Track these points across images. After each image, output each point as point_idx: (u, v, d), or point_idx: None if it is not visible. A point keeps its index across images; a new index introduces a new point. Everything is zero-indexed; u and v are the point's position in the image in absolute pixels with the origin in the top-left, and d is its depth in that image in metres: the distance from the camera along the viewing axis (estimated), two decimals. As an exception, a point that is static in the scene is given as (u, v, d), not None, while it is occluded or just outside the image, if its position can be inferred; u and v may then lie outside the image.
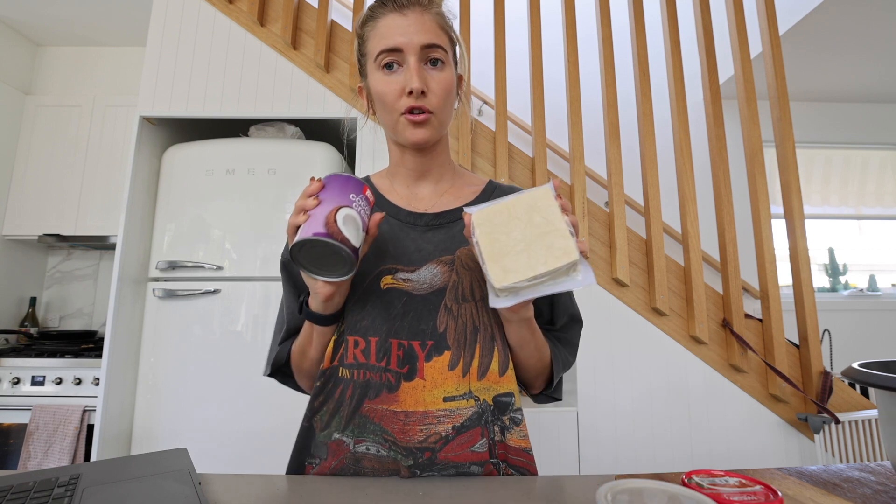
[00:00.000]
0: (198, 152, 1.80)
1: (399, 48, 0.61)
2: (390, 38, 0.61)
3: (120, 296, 1.66)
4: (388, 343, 0.61)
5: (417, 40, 0.61)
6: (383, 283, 0.63)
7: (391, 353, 0.61)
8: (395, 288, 0.63)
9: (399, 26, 0.61)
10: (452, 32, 0.67)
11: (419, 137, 0.63)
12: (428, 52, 0.62)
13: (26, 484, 0.49)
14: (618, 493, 0.40)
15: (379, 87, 0.63)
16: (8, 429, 1.80)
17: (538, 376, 0.68)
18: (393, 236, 0.67)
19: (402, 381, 0.60)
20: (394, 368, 0.61)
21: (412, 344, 0.61)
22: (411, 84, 0.60)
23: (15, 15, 2.33)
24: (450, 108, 0.66)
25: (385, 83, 0.62)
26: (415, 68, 0.60)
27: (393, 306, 0.63)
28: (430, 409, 0.59)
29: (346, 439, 0.61)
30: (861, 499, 0.50)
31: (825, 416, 1.52)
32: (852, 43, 2.34)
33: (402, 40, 0.61)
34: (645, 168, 1.75)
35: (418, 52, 0.61)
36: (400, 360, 0.61)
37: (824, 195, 2.94)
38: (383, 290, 0.63)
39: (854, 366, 0.56)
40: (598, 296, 1.68)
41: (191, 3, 1.87)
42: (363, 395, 0.61)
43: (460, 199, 0.71)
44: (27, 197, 2.28)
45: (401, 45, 0.61)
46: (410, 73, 0.60)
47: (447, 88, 0.63)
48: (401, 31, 0.61)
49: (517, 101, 2.35)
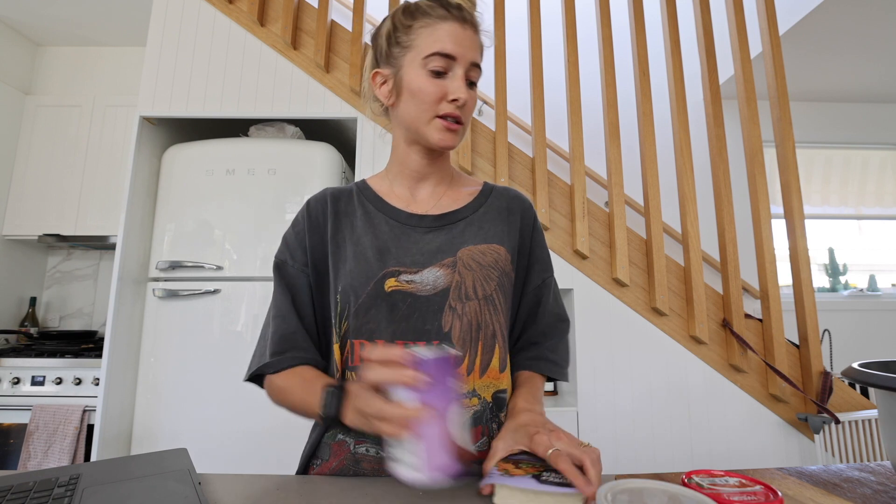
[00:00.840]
0: (198, 152, 1.80)
1: (454, 57, 0.63)
2: (450, 45, 0.63)
3: (120, 296, 1.66)
4: (392, 344, 0.62)
5: (470, 56, 0.64)
6: (388, 286, 0.63)
7: None
8: (399, 290, 0.63)
9: (458, 36, 0.63)
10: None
11: (448, 143, 0.65)
12: (472, 70, 0.65)
13: (26, 484, 0.49)
14: (618, 493, 0.40)
15: (423, 84, 0.63)
16: (8, 429, 1.80)
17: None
18: (395, 238, 0.67)
19: None
20: None
21: (418, 345, 0.62)
22: (460, 94, 0.62)
23: (15, 15, 2.33)
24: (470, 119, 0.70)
25: (431, 83, 0.63)
26: (462, 80, 0.63)
27: (398, 308, 0.63)
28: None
29: (348, 440, 0.62)
30: (861, 499, 0.50)
31: (825, 416, 1.52)
32: (852, 43, 2.34)
33: (459, 51, 0.63)
34: (645, 168, 1.75)
35: (467, 67, 0.64)
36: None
37: (824, 195, 2.94)
38: (388, 292, 0.63)
39: (854, 366, 0.56)
40: (598, 296, 1.68)
41: (191, 3, 1.87)
42: None
43: (458, 201, 0.72)
44: (27, 197, 2.27)
45: (458, 54, 0.63)
46: (459, 84, 0.63)
47: (474, 106, 0.67)
48: (459, 42, 0.63)
49: (517, 101, 2.35)
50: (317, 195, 0.72)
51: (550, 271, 0.76)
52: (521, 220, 0.73)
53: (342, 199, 0.71)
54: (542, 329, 0.73)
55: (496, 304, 0.66)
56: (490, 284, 0.66)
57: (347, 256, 0.66)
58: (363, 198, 0.71)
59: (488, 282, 0.66)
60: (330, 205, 0.70)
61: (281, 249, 0.71)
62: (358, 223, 0.68)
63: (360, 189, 0.72)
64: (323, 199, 0.71)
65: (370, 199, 0.71)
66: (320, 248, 0.69)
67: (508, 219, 0.72)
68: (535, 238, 0.75)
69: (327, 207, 0.70)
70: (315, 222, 0.69)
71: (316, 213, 0.70)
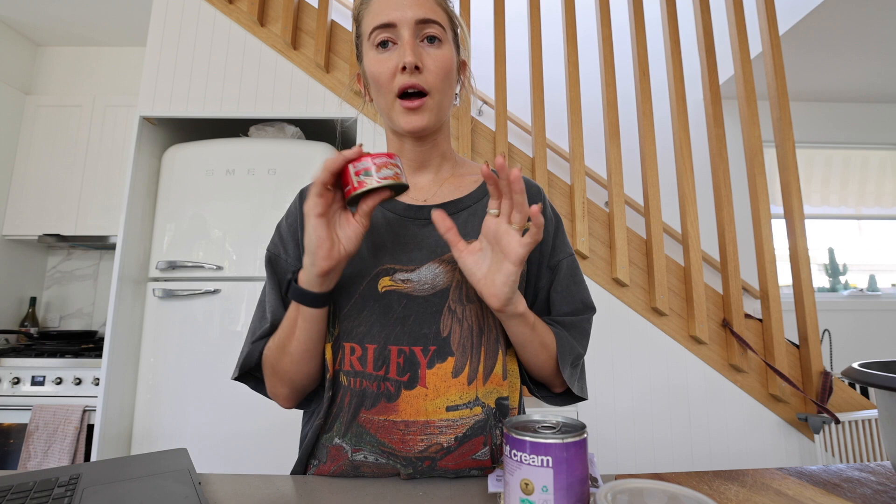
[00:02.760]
0: (198, 152, 1.80)
1: (392, 23, 0.57)
2: (383, 14, 0.58)
3: (120, 296, 1.66)
4: (386, 350, 0.58)
5: (412, 14, 0.57)
6: (381, 286, 0.59)
7: (390, 360, 0.58)
8: (393, 290, 0.59)
9: (393, 2, 0.58)
10: (452, 12, 0.64)
11: (415, 125, 0.59)
12: (423, 27, 0.58)
13: (26, 484, 0.49)
14: (618, 493, 0.40)
15: (372, 66, 0.59)
16: (8, 429, 1.80)
17: (553, 374, 0.63)
18: (390, 231, 0.62)
19: (402, 390, 0.57)
20: (393, 377, 0.57)
21: (413, 350, 0.58)
22: (405, 58, 0.56)
23: (15, 15, 2.33)
24: (450, 92, 0.62)
25: (378, 62, 0.59)
26: (409, 42, 0.57)
27: (392, 310, 0.59)
28: (432, 418, 0.57)
29: (346, 446, 0.59)
30: (861, 499, 0.50)
31: (825, 416, 1.52)
32: (852, 43, 2.34)
33: (395, 15, 0.57)
34: (645, 168, 1.75)
35: (413, 27, 0.57)
36: (400, 367, 0.57)
37: (824, 195, 2.94)
38: (381, 293, 0.59)
39: (854, 366, 0.56)
40: (598, 296, 1.68)
41: (191, 3, 1.87)
42: (360, 404, 0.58)
43: (461, 188, 0.67)
44: (27, 197, 2.27)
45: (394, 19, 0.57)
46: (404, 48, 0.57)
47: (445, 67, 0.59)
48: (394, 6, 0.58)
49: (517, 101, 2.35)
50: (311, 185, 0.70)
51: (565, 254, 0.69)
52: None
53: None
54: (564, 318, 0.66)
55: None
56: None
57: None
58: None
59: None
60: None
61: (274, 241, 0.67)
62: None
63: None
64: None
65: None
66: None
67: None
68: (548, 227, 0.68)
69: None
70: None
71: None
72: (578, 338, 0.66)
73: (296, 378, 0.60)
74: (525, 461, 0.39)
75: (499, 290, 0.51)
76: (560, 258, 0.66)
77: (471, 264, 0.52)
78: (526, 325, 0.56)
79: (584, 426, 0.42)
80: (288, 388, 0.61)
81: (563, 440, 0.39)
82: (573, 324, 0.66)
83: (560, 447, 0.39)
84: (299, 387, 0.62)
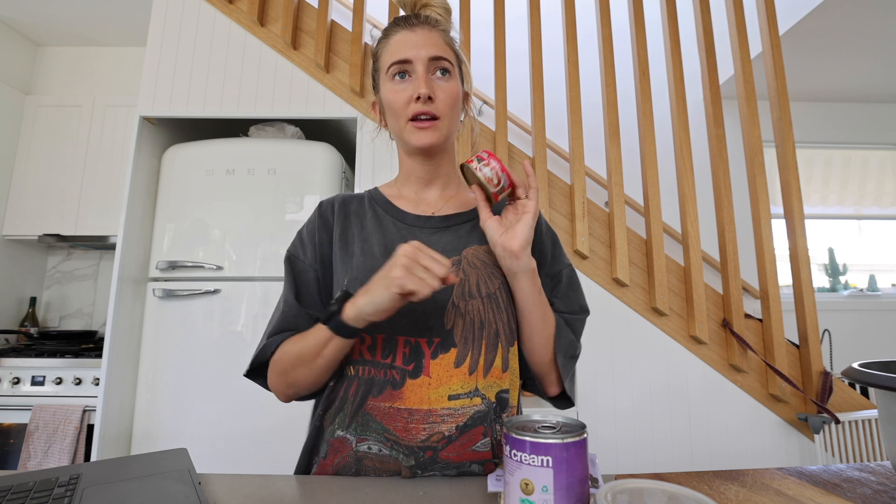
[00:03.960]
0: (198, 152, 1.80)
1: (408, 59, 0.66)
2: (400, 52, 0.67)
3: (120, 296, 1.66)
4: (394, 340, 0.62)
5: (425, 53, 0.66)
6: None
7: (397, 350, 0.62)
8: None
9: (409, 41, 0.67)
10: (458, 51, 0.73)
11: (425, 141, 0.66)
12: (435, 63, 0.67)
13: (26, 484, 0.49)
14: (618, 493, 0.40)
15: (389, 95, 0.67)
16: (8, 429, 1.80)
17: (549, 362, 0.68)
18: (401, 238, 0.68)
19: (406, 379, 0.61)
20: (399, 365, 0.62)
21: (419, 341, 0.62)
22: (419, 90, 0.64)
23: (15, 15, 2.33)
24: (456, 117, 0.70)
25: (395, 92, 0.67)
26: (423, 76, 0.65)
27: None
28: (435, 407, 0.60)
29: (350, 437, 0.61)
30: (861, 499, 0.50)
31: (825, 416, 1.52)
32: (852, 43, 2.34)
33: (411, 53, 0.66)
34: (645, 168, 1.75)
35: (426, 64, 0.66)
36: (406, 357, 0.62)
37: (824, 195, 2.94)
38: None
39: (854, 366, 0.56)
40: (598, 296, 1.68)
41: (191, 3, 1.86)
42: (367, 392, 0.62)
43: (466, 204, 0.74)
44: (27, 197, 2.27)
45: (410, 57, 0.66)
46: (419, 81, 0.65)
47: (453, 97, 0.67)
48: (410, 45, 0.67)
49: (517, 101, 2.35)
50: (329, 198, 0.76)
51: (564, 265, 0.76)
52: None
53: (353, 202, 0.74)
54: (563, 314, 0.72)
55: (499, 302, 0.66)
56: (494, 283, 0.66)
57: (355, 252, 0.68)
58: (373, 202, 0.74)
59: (492, 280, 0.66)
60: (339, 206, 0.74)
61: (294, 244, 0.73)
62: (368, 224, 0.71)
63: (370, 194, 0.76)
64: (332, 202, 0.75)
65: (379, 202, 0.74)
66: (328, 245, 0.71)
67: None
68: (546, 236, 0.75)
69: (335, 208, 0.73)
70: (325, 220, 0.72)
71: (326, 213, 0.73)
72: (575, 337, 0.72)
73: (305, 385, 0.64)
74: (525, 461, 0.39)
75: (519, 233, 0.62)
76: (560, 268, 0.74)
77: (492, 226, 0.64)
78: (534, 286, 0.65)
79: (584, 426, 0.42)
80: (293, 390, 0.65)
81: (563, 440, 0.39)
82: (569, 322, 0.72)
83: (560, 447, 0.39)
84: (305, 392, 0.66)
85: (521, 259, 0.62)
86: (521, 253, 0.62)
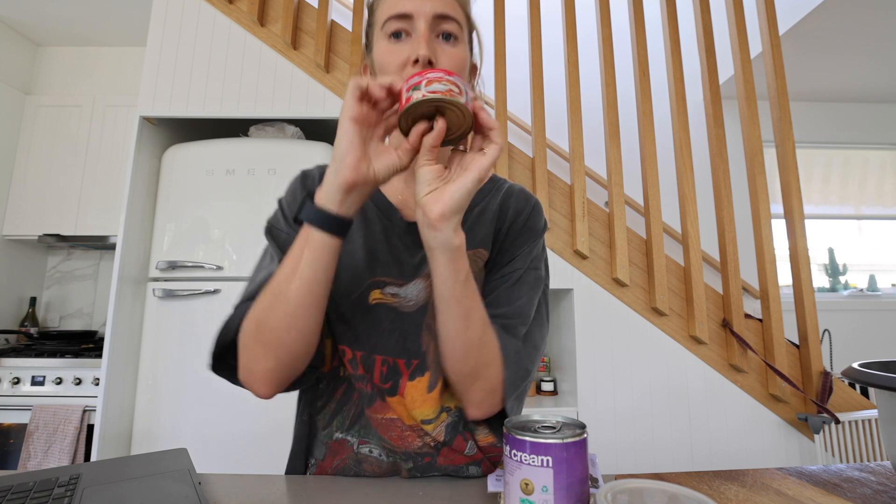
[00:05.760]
0: (198, 152, 1.80)
1: (409, 14, 0.55)
2: (400, 4, 0.55)
3: (120, 296, 1.66)
4: (371, 358, 0.59)
5: (430, 8, 0.55)
6: (372, 298, 0.59)
7: (374, 368, 0.59)
8: (383, 303, 0.59)
9: None
10: (470, 14, 0.61)
11: None
12: (441, 23, 0.55)
13: (26, 484, 0.49)
14: (618, 493, 0.40)
15: (382, 56, 0.56)
16: (8, 429, 1.80)
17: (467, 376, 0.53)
18: (387, 241, 0.61)
19: (386, 397, 0.59)
20: (377, 384, 0.59)
21: (397, 362, 0.59)
22: (418, 51, 0.52)
23: (15, 15, 2.33)
24: None
25: (389, 52, 0.55)
26: (424, 35, 0.54)
27: (380, 323, 0.59)
28: (417, 422, 0.58)
29: (351, 439, 0.60)
30: (861, 499, 0.50)
31: (825, 416, 1.52)
32: (852, 43, 2.34)
33: (412, 6, 0.55)
34: (645, 168, 1.75)
35: (430, 21, 0.54)
36: (383, 375, 0.58)
37: (824, 195, 2.94)
38: (371, 304, 0.59)
39: (854, 366, 0.56)
40: (598, 296, 1.68)
41: (191, 3, 1.87)
42: (362, 400, 0.60)
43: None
44: (27, 197, 2.27)
45: (411, 10, 0.54)
46: (418, 41, 0.53)
47: (459, 65, 0.56)
48: None
49: (517, 101, 2.35)
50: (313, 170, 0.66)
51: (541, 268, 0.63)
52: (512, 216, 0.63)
53: None
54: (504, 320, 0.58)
55: None
56: None
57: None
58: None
59: None
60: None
61: (275, 215, 0.63)
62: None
63: None
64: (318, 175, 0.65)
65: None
66: None
67: (498, 216, 0.63)
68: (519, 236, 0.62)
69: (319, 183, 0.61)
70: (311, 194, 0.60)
71: (312, 187, 0.63)
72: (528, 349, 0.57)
73: (286, 341, 0.50)
74: (525, 461, 0.39)
75: (448, 195, 0.45)
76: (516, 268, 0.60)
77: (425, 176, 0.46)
78: (455, 270, 0.48)
79: (584, 426, 0.42)
80: (273, 359, 0.50)
81: (563, 440, 0.39)
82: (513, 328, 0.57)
83: (560, 447, 0.39)
84: (287, 359, 0.51)
85: (439, 231, 0.46)
86: (440, 223, 0.45)
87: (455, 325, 0.51)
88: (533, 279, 0.61)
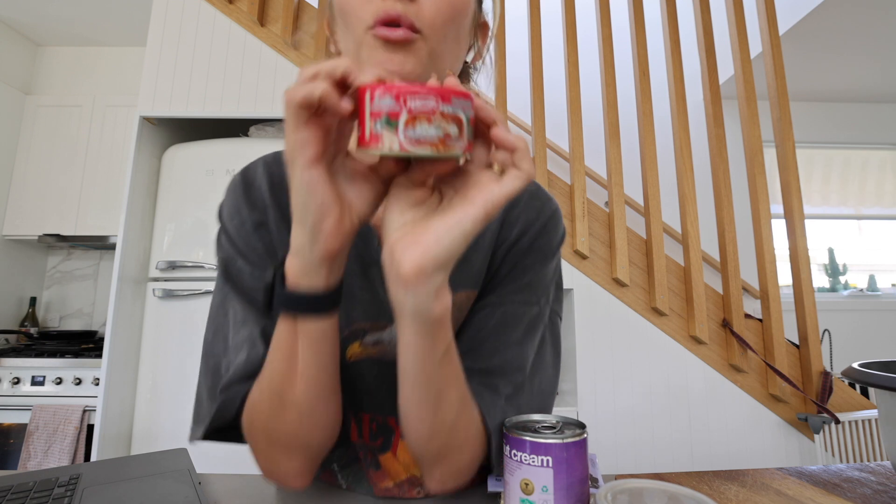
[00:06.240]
0: (198, 152, 1.80)
1: None
2: None
3: (120, 296, 1.66)
4: (359, 416, 0.52)
5: None
6: (350, 354, 0.49)
7: (363, 425, 0.52)
8: (364, 358, 0.50)
9: None
10: None
11: (393, 65, 0.38)
12: None
13: (26, 484, 0.49)
14: (618, 493, 0.40)
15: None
16: (8, 429, 1.80)
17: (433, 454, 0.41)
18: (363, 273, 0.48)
19: (377, 454, 0.52)
20: (367, 443, 0.52)
21: (387, 419, 0.51)
22: None
23: (15, 15, 2.33)
24: (454, 46, 0.43)
25: None
26: None
27: (363, 380, 0.50)
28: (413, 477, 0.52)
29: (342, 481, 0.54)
30: (861, 499, 0.50)
31: (825, 416, 1.52)
32: (852, 43, 2.34)
33: None
34: (645, 168, 1.75)
35: None
36: (373, 433, 0.52)
37: (824, 195, 2.94)
38: (350, 362, 0.50)
39: (854, 366, 0.56)
40: (598, 296, 1.68)
41: (191, 3, 1.86)
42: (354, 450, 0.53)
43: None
44: (27, 197, 2.27)
45: None
46: None
47: (453, 7, 0.40)
48: None
49: (517, 101, 2.35)
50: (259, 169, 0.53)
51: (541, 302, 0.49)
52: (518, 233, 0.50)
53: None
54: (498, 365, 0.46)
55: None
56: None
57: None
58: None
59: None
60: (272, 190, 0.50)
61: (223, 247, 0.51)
62: None
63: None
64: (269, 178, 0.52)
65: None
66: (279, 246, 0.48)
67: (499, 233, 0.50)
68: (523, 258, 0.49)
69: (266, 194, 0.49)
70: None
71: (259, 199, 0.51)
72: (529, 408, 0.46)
73: (310, 438, 0.41)
74: (525, 461, 0.39)
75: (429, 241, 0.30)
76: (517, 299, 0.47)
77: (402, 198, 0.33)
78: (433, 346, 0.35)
79: (585, 426, 0.42)
80: (298, 459, 0.42)
81: (563, 440, 0.39)
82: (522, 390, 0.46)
83: (560, 447, 0.39)
84: (317, 449, 0.43)
85: (412, 292, 0.31)
86: (415, 280, 0.31)
87: (421, 408, 0.38)
88: (533, 315, 0.48)
